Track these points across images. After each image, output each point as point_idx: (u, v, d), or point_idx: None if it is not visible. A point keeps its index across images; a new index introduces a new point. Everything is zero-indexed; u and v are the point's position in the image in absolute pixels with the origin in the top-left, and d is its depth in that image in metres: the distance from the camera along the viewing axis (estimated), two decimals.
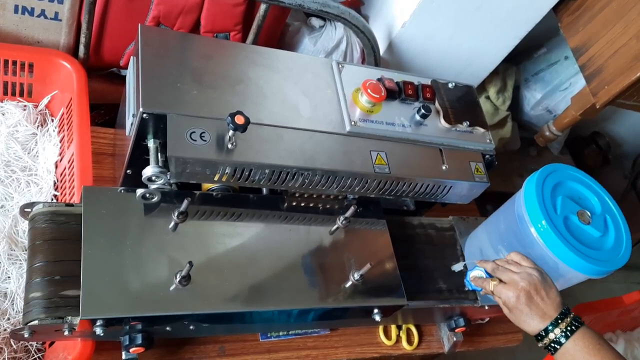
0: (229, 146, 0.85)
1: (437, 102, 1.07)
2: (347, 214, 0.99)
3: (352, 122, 0.97)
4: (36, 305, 0.80)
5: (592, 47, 1.41)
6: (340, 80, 1.01)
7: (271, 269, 0.93)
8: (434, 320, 1.22)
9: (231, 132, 0.84)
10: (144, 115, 0.82)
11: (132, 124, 0.86)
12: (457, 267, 1.08)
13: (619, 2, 1.36)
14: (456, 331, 1.19)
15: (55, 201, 1.07)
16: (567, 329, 0.83)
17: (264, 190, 1.02)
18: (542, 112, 1.91)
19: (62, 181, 1.08)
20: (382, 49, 1.41)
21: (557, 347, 0.83)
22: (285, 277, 0.93)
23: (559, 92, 1.84)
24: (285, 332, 1.10)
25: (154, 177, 0.85)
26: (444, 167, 1.03)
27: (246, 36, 1.26)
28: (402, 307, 1.01)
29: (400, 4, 1.35)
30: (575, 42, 1.46)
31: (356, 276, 0.96)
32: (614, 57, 1.35)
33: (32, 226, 0.88)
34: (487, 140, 1.10)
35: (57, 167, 1.11)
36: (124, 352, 0.87)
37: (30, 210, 0.89)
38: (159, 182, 0.86)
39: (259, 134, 0.89)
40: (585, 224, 0.99)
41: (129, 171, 0.91)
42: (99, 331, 0.80)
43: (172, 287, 0.84)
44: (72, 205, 0.90)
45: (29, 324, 0.79)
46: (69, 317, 0.80)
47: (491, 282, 0.91)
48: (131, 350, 0.86)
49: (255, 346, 1.07)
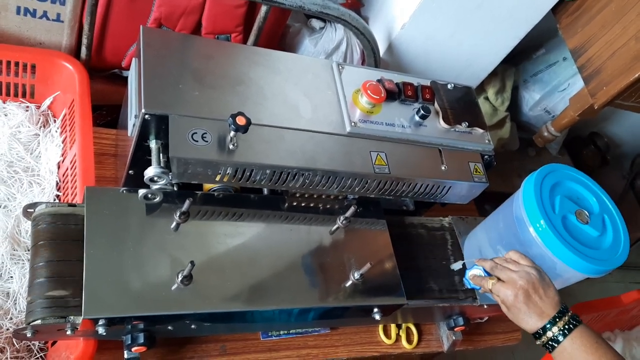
0: (230, 147, 0.85)
1: (436, 103, 1.07)
2: (347, 214, 0.99)
3: (352, 123, 0.97)
4: (39, 304, 0.81)
5: (591, 48, 1.41)
6: (340, 81, 1.02)
7: (272, 268, 0.94)
8: (433, 319, 1.23)
9: (232, 133, 0.84)
10: (146, 116, 0.82)
11: (134, 125, 0.86)
12: (456, 265, 1.08)
13: (617, 3, 1.36)
14: (455, 330, 1.19)
15: (57, 201, 1.08)
16: (565, 327, 0.84)
17: (265, 190, 1.03)
18: (541, 113, 1.92)
19: (64, 182, 1.08)
20: (382, 50, 1.41)
21: (555, 345, 0.84)
22: (286, 277, 0.94)
23: (557, 92, 1.84)
24: (286, 331, 1.10)
25: (155, 178, 0.85)
26: (443, 168, 1.04)
27: (247, 37, 1.27)
28: (402, 306, 1.01)
29: (400, 5, 1.36)
30: (573, 43, 1.46)
31: (356, 276, 0.96)
32: (612, 58, 1.35)
33: (34, 226, 0.88)
34: (486, 140, 1.10)
35: (59, 167, 1.12)
36: (126, 352, 0.87)
37: (33, 210, 0.89)
38: (161, 182, 0.86)
39: (260, 134, 0.89)
40: (583, 224, 0.99)
41: (131, 172, 0.92)
42: (101, 330, 0.80)
43: (174, 287, 0.85)
44: (74, 205, 0.90)
45: (31, 324, 0.79)
46: (72, 317, 0.80)
47: (489, 281, 0.91)
48: (133, 349, 0.87)
49: (256, 345, 1.08)
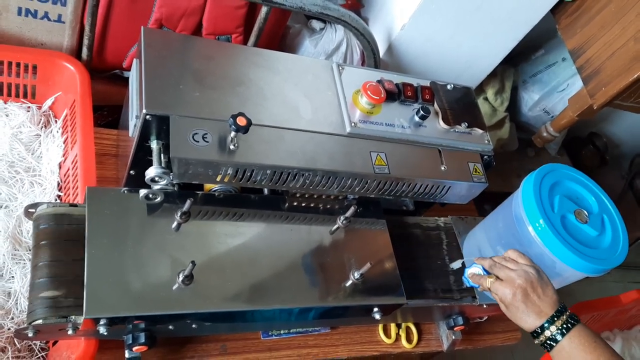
0: (231, 147, 0.86)
1: (436, 104, 1.08)
2: (348, 214, 1.00)
3: (352, 124, 0.98)
4: (40, 304, 0.81)
5: (590, 48, 1.42)
6: (340, 82, 1.02)
7: (272, 268, 0.94)
8: (433, 318, 1.23)
9: (233, 134, 0.84)
10: (147, 116, 0.83)
11: (135, 125, 0.87)
12: (456, 264, 1.09)
13: (616, 4, 1.37)
14: (455, 329, 1.19)
15: (59, 202, 1.08)
16: (563, 326, 0.84)
17: (265, 190, 1.03)
18: (540, 113, 1.92)
19: (65, 182, 1.09)
20: (382, 51, 1.42)
21: (553, 344, 0.84)
22: (286, 277, 0.94)
23: (556, 93, 1.85)
24: (286, 331, 1.11)
25: (157, 178, 0.85)
26: (443, 168, 1.04)
27: (247, 38, 1.27)
28: (402, 305, 1.02)
29: (399, 6, 1.36)
30: (573, 43, 1.47)
31: (356, 275, 0.97)
32: (611, 58, 1.36)
33: (36, 226, 0.88)
34: (486, 141, 1.11)
35: (60, 167, 1.12)
36: (127, 351, 0.88)
37: (34, 210, 0.89)
38: (162, 182, 0.87)
39: (260, 135, 0.90)
40: (582, 223, 1.00)
41: (132, 172, 0.92)
42: (102, 330, 0.80)
43: (174, 287, 0.85)
44: (75, 205, 0.91)
45: (33, 323, 0.80)
46: (73, 317, 0.81)
47: (488, 279, 0.92)
48: (134, 349, 0.87)
49: (256, 344, 1.08)
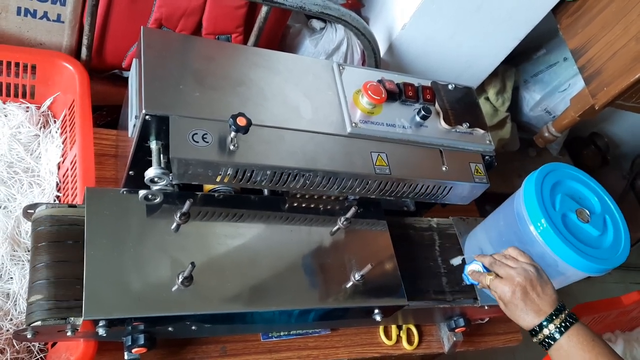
0: (231, 147, 0.85)
1: (437, 104, 1.07)
2: (348, 214, 0.99)
3: (353, 124, 0.97)
4: (39, 306, 0.81)
5: (592, 48, 1.41)
6: (341, 81, 1.02)
7: (272, 269, 0.94)
8: (434, 320, 1.23)
9: (233, 134, 0.84)
10: (147, 116, 0.82)
11: (134, 126, 0.86)
12: (456, 261, 1.08)
13: (618, 3, 1.36)
14: (456, 331, 1.19)
15: (57, 202, 1.08)
16: (562, 325, 0.84)
17: (265, 191, 1.03)
18: (541, 113, 1.92)
19: (64, 182, 1.08)
20: (383, 51, 1.41)
21: (552, 342, 0.84)
22: (286, 278, 0.94)
23: (558, 93, 1.84)
24: (286, 332, 1.10)
25: (156, 179, 0.85)
26: (444, 168, 1.04)
27: (247, 38, 1.27)
28: (403, 307, 1.01)
29: (400, 6, 1.36)
30: (574, 43, 1.46)
31: (357, 276, 0.96)
32: (613, 58, 1.35)
33: (34, 227, 0.88)
34: (487, 141, 1.10)
35: (59, 168, 1.11)
36: (126, 353, 0.87)
37: (33, 211, 0.89)
38: (161, 183, 0.86)
39: (260, 135, 0.89)
40: (584, 223, 0.99)
41: (131, 172, 0.92)
42: (101, 332, 0.80)
43: (174, 288, 0.85)
44: (74, 206, 0.90)
45: (31, 325, 0.79)
46: (72, 318, 0.80)
47: (487, 277, 0.92)
48: (133, 350, 0.87)
49: (256, 346, 1.07)
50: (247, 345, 1.07)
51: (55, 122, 1.18)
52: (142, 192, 0.89)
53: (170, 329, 0.89)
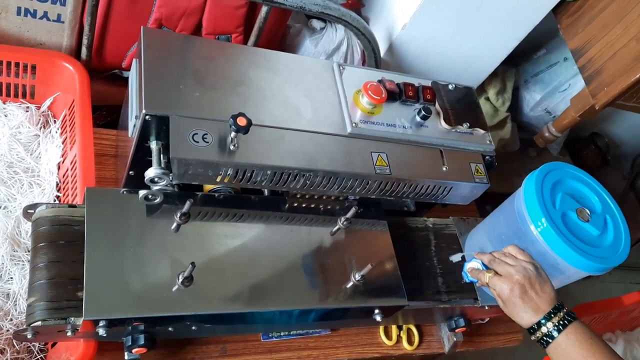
0: (231, 148, 0.85)
1: (437, 104, 1.07)
2: (348, 214, 0.99)
3: (353, 124, 0.97)
4: (39, 306, 0.80)
5: (592, 48, 1.41)
6: (341, 81, 1.02)
7: (272, 269, 0.94)
8: (434, 320, 1.23)
9: (233, 134, 0.84)
10: (147, 116, 0.82)
11: (134, 126, 0.86)
12: (455, 257, 1.08)
13: (618, 3, 1.36)
14: (456, 331, 1.19)
15: (57, 202, 1.08)
16: (560, 323, 0.84)
17: (266, 191, 1.02)
18: (542, 113, 1.92)
19: (64, 182, 1.08)
20: (383, 51, 1.41)
21: (549, 340, 0.84)
22: (286, 278, 0.94)
23: (558, 93, 1.84)
24: (286, 333, 1.10)
25: (156, 179, 0.85)
26: (445, 168, 1.04)
27: (247, 38, 1.27)
28: (403, 307, 1.01)
29: (400, 6, 1.36)
30: (574, 43, 1.46)
31: (357, 277, 0.96)
32: (613, 58, 1.35)
33: (34, 227, 0.88)
34: (487, 141, 1.10)
35: (59, 168, 1.11)
36: (126, 353, 0.87)
37: (33, 211, 0.89)
38: (162, 183, 0.86)
39: (260, 135, 0.89)
40: (584, 222, 0.99)
41: (131, 172, 0.92)
42: (101, 332, 0.80)
43: (174, 288, 0.85)
44: (74, 206, 0.90)
45: (32, 325, 0.79)
46: (72, 318, 0.80)
47: (486, 274, 0.91)
48: (134, 350, 0.87)
49: (256, 346, 1.07)
50: (247, 345, 1.07)
51: (55, 122, 1.18)
52: (142, 192, 0.89)
53: (170, 329, 0.89)
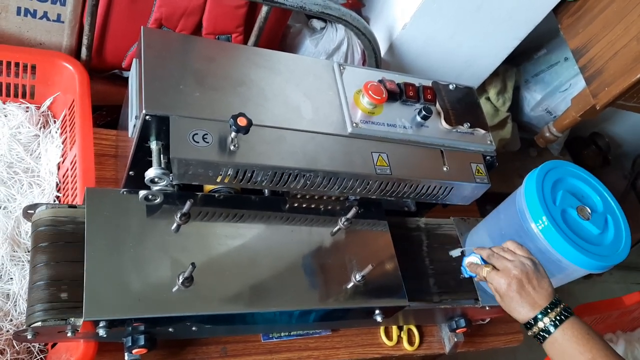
0: (231, 148, 0.85)
1: (438, 104, 1.07)
2: (349, 215, 0.99)
3: (354, 124, 0.97)
4: (39, 306, 0.80)
5: (592, 48, 1.41)
6: (341, 81, 1.01)
7: (273, 270, 0.93)
8: (435, 321, 1.23)
9: (233, 134, 0.84)
10: (147, 117, 0.82)
11: (134, 126, 0.86)
12: (455, 252, 1.07)
13: (619, 3, 1.36)
14: (457, 332, 1.19)
15: (57, 203, 1.08)
16: (557, 318, 0.84)
17: (266, 191, 1.02)
18: (542, 113, 1.92)
19: (64, 182, 1.08)
20: (383, 51, 1.41)
21: (546, 335, 0.84)
22: (287, 278, 0.94)
23: (559, 93, 1.84)
24: (287, 333, 1.10)
25: (156, 179, 0.85)
26: (445, 169, 1.04)
27: (248, 38, 1.26)
28: (404, 308, 1.01)
29: (400, 6, 1.36)
30: (575, 43, 1.46)
31: (358, 277, 0.96)
32: (614, 58, 1.35)
33: (34, 228, 0.88)
34: (488, 141, 1.10)
35: (59, 168, 1.11)
36: (126, 354, 0.87)
37: (33, 211, 0.89)
38: (162, 183, 0.86)
39: (261, 135, 0.89)
40: (584, 220, 0.99)
41: (131, 173, 0.91)
42: (101, 332, 0.80)
43: (174, 289, 0.85)
44: (74, 206, 0.90)
45: (32, 326, 0.79)
46: (72, 319, 0.80)
47: (484, 269, 0.92)
48: (134, 351, 0.87)
49: (257, 347, 1.07)
50: (247, 345, 1.07)
51: (55, 122, 1.17)
52: (142, 193, 0.89)
53: (170, 329, 0.89)
